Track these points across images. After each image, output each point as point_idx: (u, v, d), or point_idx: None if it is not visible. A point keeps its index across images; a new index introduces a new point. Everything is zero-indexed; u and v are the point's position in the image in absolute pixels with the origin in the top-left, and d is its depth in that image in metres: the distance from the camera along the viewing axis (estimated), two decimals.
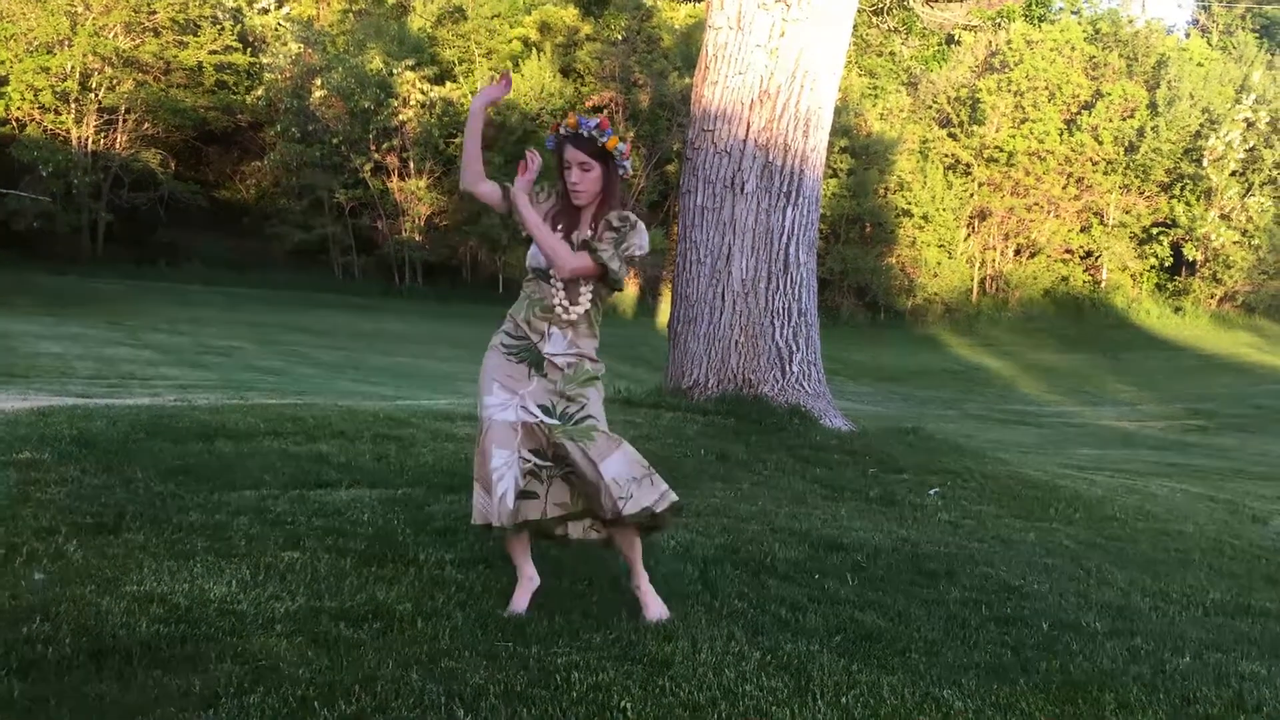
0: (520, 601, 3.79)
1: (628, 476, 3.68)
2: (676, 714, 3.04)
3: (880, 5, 39.62)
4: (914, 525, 5.83)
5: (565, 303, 3.80)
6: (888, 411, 16.95)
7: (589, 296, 3.84)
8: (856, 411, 12.82)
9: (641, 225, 3.86)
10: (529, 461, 3.73)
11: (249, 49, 31.69)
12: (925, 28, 40.67)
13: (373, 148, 29.66)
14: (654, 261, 30.99)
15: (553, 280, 3.80)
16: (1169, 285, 36.23)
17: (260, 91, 30.80)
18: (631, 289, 32.12)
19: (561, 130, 3.85)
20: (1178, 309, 35.44)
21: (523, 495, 3.73)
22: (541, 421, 3.72)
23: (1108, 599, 4.66)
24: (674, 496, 3.77)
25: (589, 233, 3.83)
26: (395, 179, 30.10)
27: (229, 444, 6.09)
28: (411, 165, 30.21)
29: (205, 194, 31.16)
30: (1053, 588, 4.75)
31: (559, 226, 3.84)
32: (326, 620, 3.52)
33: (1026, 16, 40.05)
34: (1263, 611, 4.69)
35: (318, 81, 29.48)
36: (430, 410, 7.75)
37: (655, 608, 3.81)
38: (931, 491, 6.78)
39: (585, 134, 3.79)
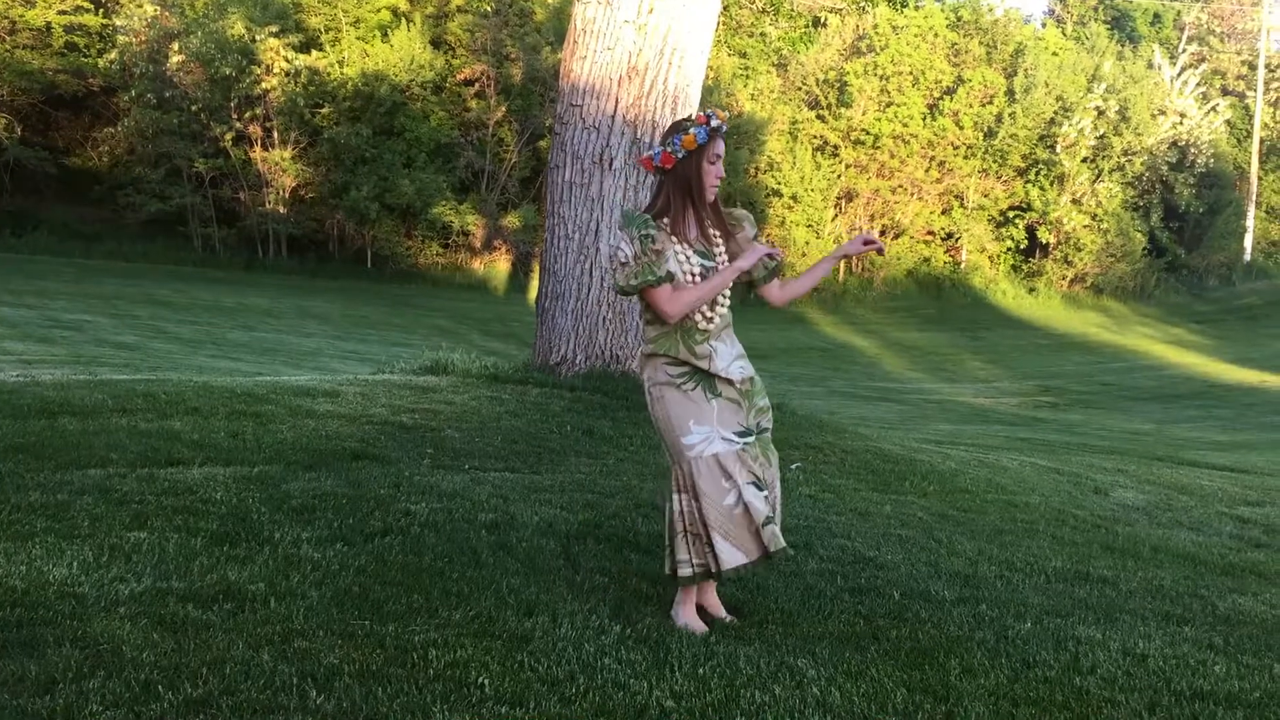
0: (698, 623, 3.68)
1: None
2: (535, 689, 3.04)
3: None
4: None
5: (707, 311, 3.66)
6: None
7: (728, 294, 3.72)
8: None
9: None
10: (754, 485, 3.64)
11: (101, 10, 30.28)
12: (793, 9, 41.20)
13: (235, 116, 28.70)
14: (525, 238, 30.82)
15: None
16: (1024, 267, 37.57)
17: (113, 55, 29.45)
18: (504, 264, 31.88)
19: (713, 123, 3.64)
20: (1031, 290, 36.80)
21: (769, 521, 3.64)
22: (746, 445, 3.65)
23: (957, 568, 4.82)
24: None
25: (712, 228, 3.75)
26: (258, 149, 29.20)
27: (74, 421, 5.84)
28: (276, 135, 29.34)
29: (54, 161, 29.71)
30: (906, 558, 4.90)
31: (674, 234, 3.67)
32: (174, 602, 3.41)
33: (890, 2, 40.92)
34: (1100, 578, 4.91)
35: (175, 46, 28.34)
36: (290, 386, 7.56)
37: (724, 615, 3.82)
38: (793, 466, 6.91)
39: (726, 128, 3.73)
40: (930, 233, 36.86)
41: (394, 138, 29.84)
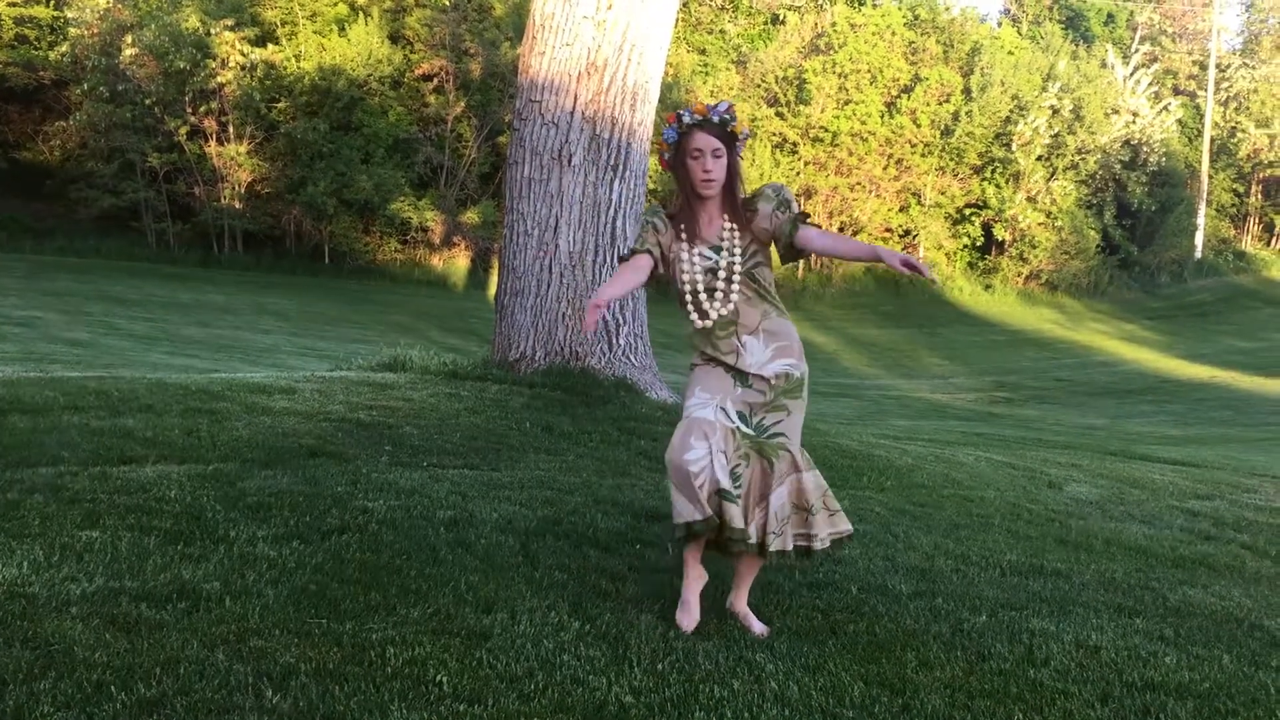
0: (693, 599, 3.64)
1: (786, 514, 3.59)
2: (493, 686, 3.03)
3: None
4: None
5: (706, 308, 3.61)
6: None
7: (737, 286, 3.62)
8: (683, 385, 13.00)
9: (785, 188, 3.72)
10: (731, 461, 3.57)
11: (52, 2, 29.81)
12: (752, 7, 41.31)
13: (189, 110, 28.35)
14: (485, 234, 30.70)
15: (687, 298, 3.62)
16: (980, 264, 37.93)
17: (65, 48, 28.99)
18: (463, 261, 31.74)
19: (686, 118, 3.60)
20: (988, 286, 37.17)
21: (724, 496, 3.54)
22: (738, 428, 3.59)
23: (913, 562, 4.86)
24: (845, 527, 3.70)
25: (725, 222, 3.63)
26: (214, 143, 28.87)
27: (24, 419, 5.75)
28: (231, 130, 29.01)
29: (4, 155, 29.24)
30: (863, 553, 4.93)
31: (682, 230, 3.63)
32: (126, 601, 3.37)
33: (848, 0, 41.15)
34: (1054, 571, 4.97)
35: (128, 39, 27.93)
36: (246, 383, 7.49)
37: (757, 625, 3.70)
38: None
39: (716, 119, 3.59)
40: (888, 230, 37.11)
41: (351, 133, 29.62)
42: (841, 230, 36.93)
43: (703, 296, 3.63)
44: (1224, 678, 3.61)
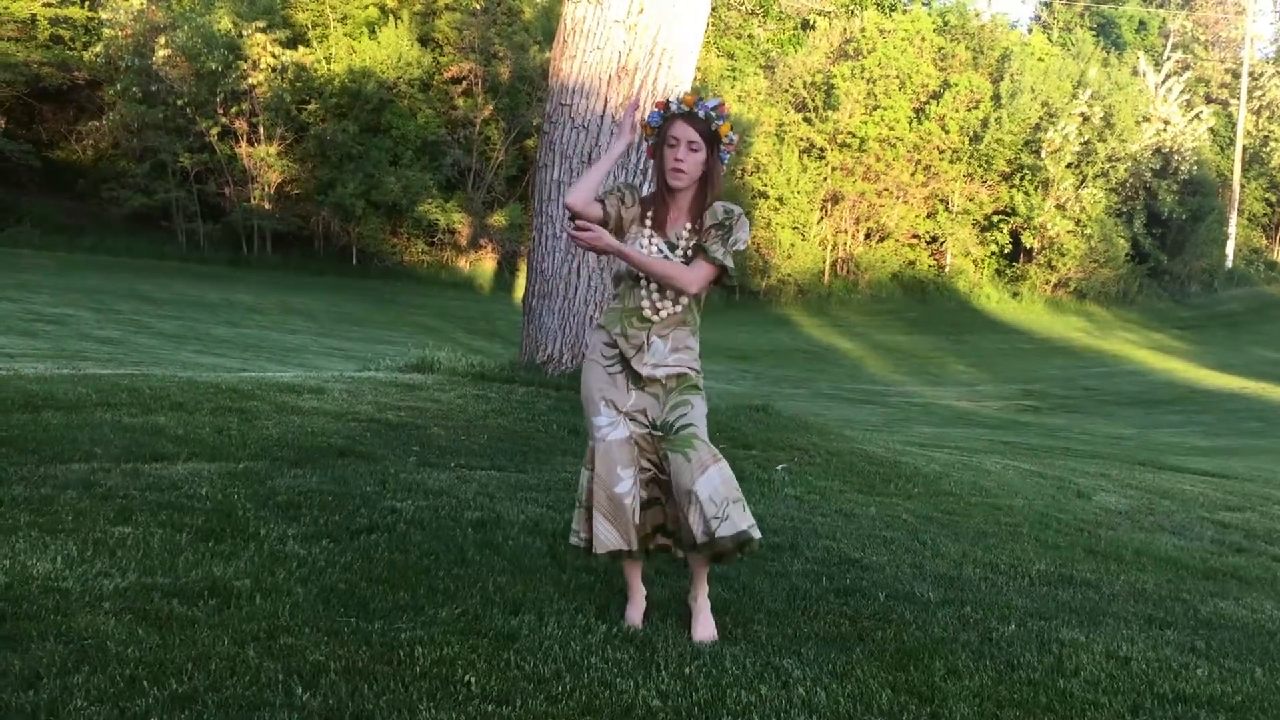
0: (635, 616, 3.65)
1: (724, 496, 3.47)
2: (521, 687, 3.04)
3: None
4: (761, 500, 5.94)
5: (658, 303, 3.56)
6: (740, 389, 17.23)
7: (685, 299, 3.60)
8: (709, 389, 12.95)
9: (744, 217, 3.63)
10: (649, 470, 3.56)
11: (87, 2, 30.10)
12: (782, 11, 41.27)
13: (220, 111, 28.57)
14: (512, 236, 30.78)
15: (644, 283, 3.56)
16: (1008, 271, 37.70)
17: (99, 48, 29.27)
18: (489, 263, 31.83)
19: (672, 105, 3.57)
20: (1015, 294, 36.94)
21: (646, 505, 3.56)
22: (650, 433, 3.55)
23: (941, 570, 4.84)
24: (758, 533, 3.57)
25: (688, 224, 3.58)
26: (244, 144, 29.08)
27: (57, 415, 5.81)
28: (262, 131, 29.21)
29: (38, 154, 29.52)
30: (890, 560, 4.91)
31: (649, 215, 3.59)
32: (158, 597, 3.40)
33: (879, 5, 41.04)
34: (1083, 581, 4.93)
35: (161, 40, 28.19)
36: (276, 382, 7.54)
37: (705, 629, 3.60)
38: (779, 468, 6.92)
39: (701, 114, 3.53)
40: (915, 236, 36.96)
41: (380, 135, 29.76)
42: (868, 237, 36.82)
43: (654, 288, 3.56)
44: (1256, 691, 3.57)
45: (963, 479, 7.65)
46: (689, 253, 3.57)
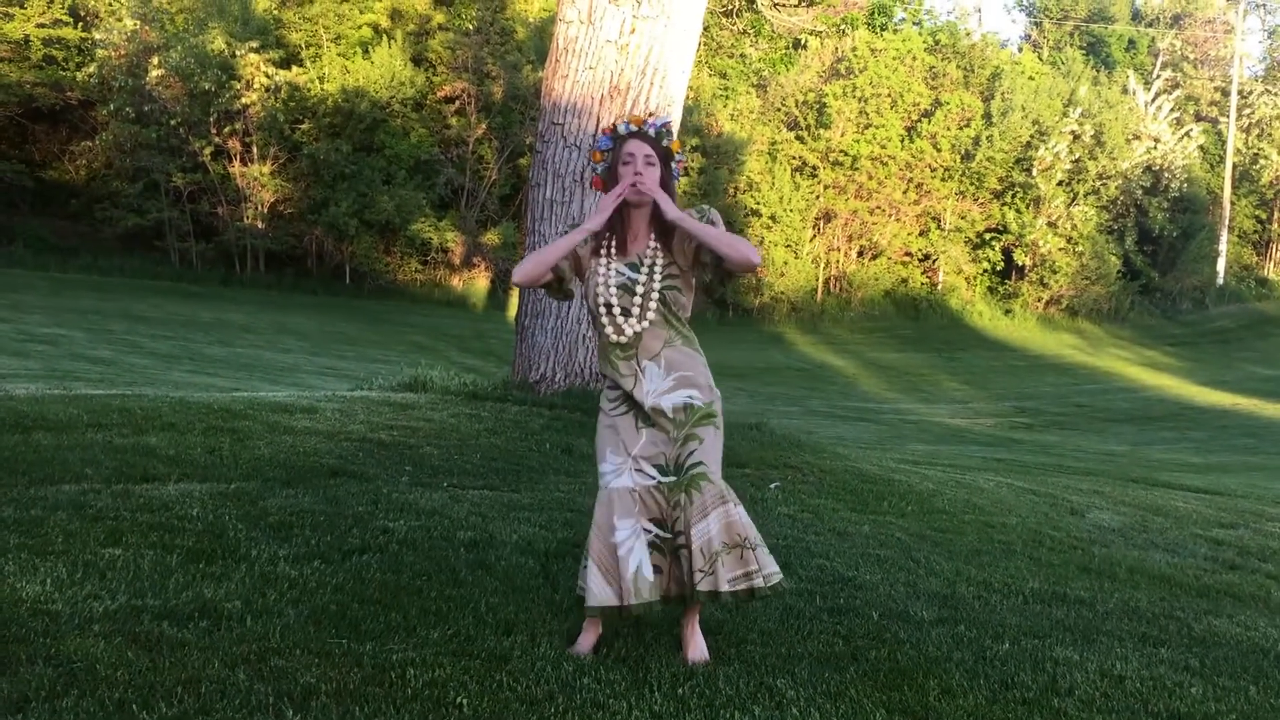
0: (586, 646, 3.53)
1: (715, 549, 3.39)
2: (514, 709, 3.02)
3: (730, 7, 40.19)
4: (754, 519, 5.92)
5: (622, 324, 3.49)
6: (733, 407, 17.17)
7: (655, 304, 3.52)
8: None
9: (717, 213, 3.58)
10: (650, 533, 3.45)
11: (80, 23, 30.14)
12: (774, 31, 41.45)
13: (214, 131, 28.60)
14: (505, 255, 30.79)
15: (604, 310, 3.51)
16: (1000, 288, 37.81)
17: (92, 68, 29.30)
18: (483, 281, 31.84)
19: (620, 128, 3.57)
20: (1008, 311, 37.03)
21: (659, 570, 3.46)
22: (659, 483, 3.45)
23: (935, 588, 4.83)
24: (773, 576, 3.46)
25: (650, 242, 3.54)
26: (237, 164, 29.10)
27: (48, 436, 5.79)
28: (255, 150, 29.24)
29: (31, 174, 29.49)
30: (884, 578, 4.90)
31: (607, 242, 3.54)
32: (148, 620, 3.38)
33: (870, 25, 41.24)
34: (1077, 599, 4.93)
35: (155, 60, 28.22)
36: (268, 402, 7.52)
37: (698, 650, 3.53)
38: (772, 485, 6.92)
39: (651, 131, 3.54)
40: (908, 254, 37.06)
41: (374, 154, 29.80)
42: (861, 255, 36.90)
43: (617, 313, 3.52)
44: (1250, 709, 3.56)
45: (956, 497, 7.64)
46: (653, 270, 3.54)
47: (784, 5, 37.91)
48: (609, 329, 3.53)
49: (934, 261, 37.20)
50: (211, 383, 12.23)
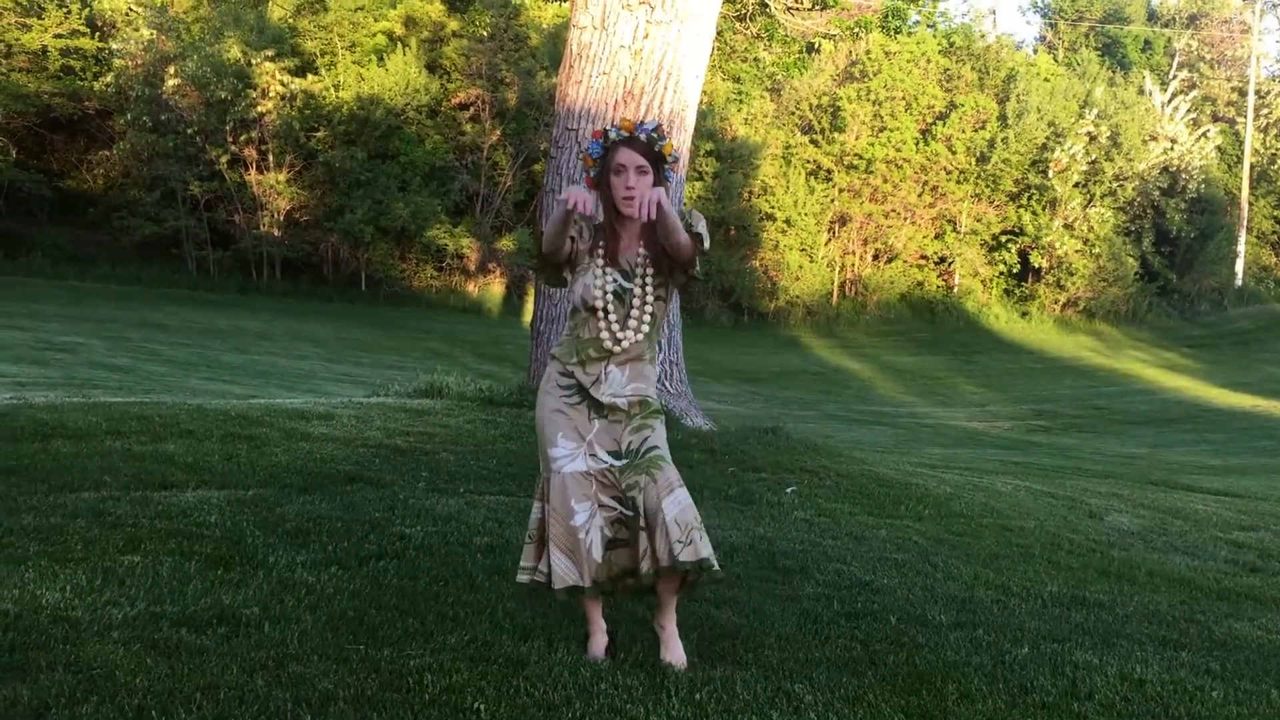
0: (598, 650, 3.56)
1: (688, 521, 3.41)
2: (531, 714, 3.02)
3: (744, 11, 40.21)
4: (771, 523, 5.92)
5: (619, 333, 3.50)
6: (749, 411, 17.20)
7: (649, 317, 3.54)
8: (718, 411, 12.99)
9: (702, 217, 3.58)
10: (614, 510, 3.48)
11: (97, 33, 30.34)
12: (787, 35, 41.44)
13: (230, 139, 28.74)
14: (519, 260, 30.83)
15: (602, 314, 3.51)
16: (1016, 291, 37.66)
17: (110, 78, 29.51)
18: (498, 287, 31.89)
19: (611, 134, 3.54)
20: (1024, 314, 36.88)
21: (613, 545, 3.48)
22: (611, 466, 3.48)
23: (953, 592, 4.81)
24: (717, 564, 3.50)
25: (641, 249, 3.54)
26: (253, 172, 29.23)
27: (67, 443, 5.82)
28: (271, 158, 29.37)
29: (49, 183, 29.70)
30: (902, 582, 4.88)
31: (601, 246, 3.54)
32: (167, 626, 3.39)
33: (884, 28, 41.17)
34: (1096, 603, 4.90)
35: (171, 69, 28.40)
36: (285, 409, 7.54)
37: (674, 652, 3.53)
38: (789, 490, 6.90)
39: (643, 136, 3.51)
40: (923, 257, 36.96)
41: (389, 161, 29.90)
42: (876, 258, 36.82)
43: (613, 320, 3.53)
44: (1272, 713, 3.54)
45: (974, 500, 7.61)
46: (645, 281, 3.55)
47: (798, 9, 37.87)
48: (605, 335, 3.53)
49: (950, 264, 37.09)
50: (228, 390, 12.28)
